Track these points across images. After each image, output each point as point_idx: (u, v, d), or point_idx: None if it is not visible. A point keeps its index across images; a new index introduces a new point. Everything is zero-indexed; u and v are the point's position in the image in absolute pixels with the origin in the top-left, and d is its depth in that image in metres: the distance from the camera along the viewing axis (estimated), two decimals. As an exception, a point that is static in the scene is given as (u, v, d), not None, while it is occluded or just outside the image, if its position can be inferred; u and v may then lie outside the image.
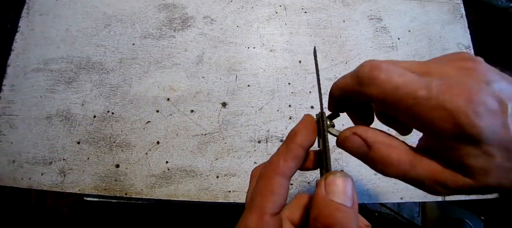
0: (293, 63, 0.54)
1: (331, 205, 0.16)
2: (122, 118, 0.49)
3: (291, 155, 0.18)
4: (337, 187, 0.16)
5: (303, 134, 0.19)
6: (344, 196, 0.16)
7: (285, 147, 0.19)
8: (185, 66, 0.53)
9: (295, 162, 0.18)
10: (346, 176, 0.17)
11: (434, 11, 0.60)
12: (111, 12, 0.54)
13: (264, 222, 0.17)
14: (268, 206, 0.17)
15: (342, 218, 0.15)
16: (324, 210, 0.16)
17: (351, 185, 0.17)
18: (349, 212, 0.16)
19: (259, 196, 0.18)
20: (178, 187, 0.47)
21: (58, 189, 0.45)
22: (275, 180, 0.18)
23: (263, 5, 0.57)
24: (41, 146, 0.47)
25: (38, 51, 0.51)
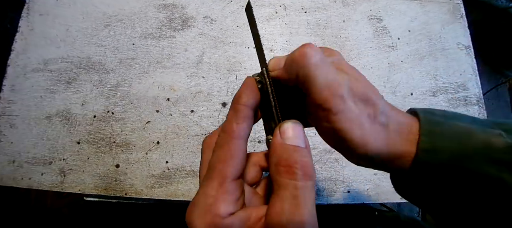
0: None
1: (289, 148, 0.17)
2: (122, 118, 0.49)
3: (241, 116, 0.19)
4: (291, 132, 0.18)
5: (247, 94, 0.19)
6: (297, 139, 0.18)
7: (233, 111, 0.19)
8: (185, 66, 0.53)
9: (247, 122, 0.19)
10: (296, 122, 0.19)
11: (434, 11, 0.60)
12: (111, 12, 0.54)
13: (225, 187, 0.17)
14: (229, 171, 0.17)
15: (300, 156, 0.17)
16: (283, 154, 0.17)
17: (301, 129, 0.18)
18: (304, 151, 0.17)
19: (218, 163, 0.18)
20: (178, 187, 0.47)
21: (58, 189, 0.45)
22: (233, 144, 0.18)
23: (263, 5, 0.57)
24: (41, 146, 0.47)
25: (38, 51, 0.51)
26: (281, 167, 0.17)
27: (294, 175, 0.16)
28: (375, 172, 0.50)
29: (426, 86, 0.55)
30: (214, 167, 0.18)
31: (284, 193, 0.16)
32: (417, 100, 0.54)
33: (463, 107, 0.55)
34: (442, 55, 0.57)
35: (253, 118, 0.20)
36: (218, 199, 0.17)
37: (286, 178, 0.16)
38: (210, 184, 0.17)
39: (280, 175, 0.17)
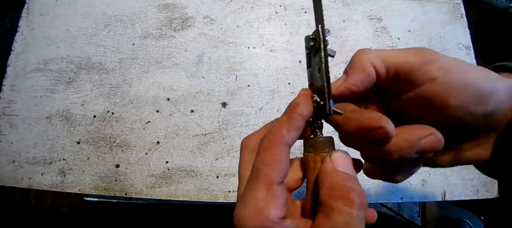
0: (293, 63, 0.54)
1: (343, 175, 0.18)
2: (122, 118, 0.49)
3: (294, 124, 0.19)
4: (342, 161, 0.18)
5: (304, 105, 0.19)
6: (348, 169, 0.18)
7: (288, 117, 0.19)
8: (185, 66, 0.53)
9: (297, 132, 0.19)
10: (346, 153, 0.19)
11: (434, 11, 0.60)
12: (111, 12, 0.54)
13: (273, 192, 0.17)
14: (276, 175, 0.17)
15: (353, 184, 0.17)
16: (338, 180, 0.17)
17: (351, 161, 0.19)
18: (357, 181, 0.18)
19: (264, 166, 0.18)
20: (178, 187, 0.47)
21: (58, 189, 0.45)
22: (280, 149, 0.18)
23: (263, 5, 0.57)
24: (41, 146, 0.47)
25: (38, 51, 0.51)
26: (337, 192, 0.17)
27: (351, 203, 0.16)
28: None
29: (426, 86, 0.55)
30: (260, 169, 0.18)
31: (337, 218, 0.16)
32: (417, 100, 0.54)
33: (463, 107, 0.55)
34: (442, 55, 0.57)
35: (303, 128, 0.20)
36: (268, 202, 0.17)
37: (341, 204, 0.16)
38: (257, 187, 0.17)
39: (335, 199, 0.17)
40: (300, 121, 0.19)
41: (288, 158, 0.18)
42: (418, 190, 0.49)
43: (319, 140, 0.20)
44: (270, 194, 0.17)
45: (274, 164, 0.18)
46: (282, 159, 0.18)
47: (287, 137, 0.18)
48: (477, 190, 0.50)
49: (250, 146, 0.20)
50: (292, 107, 0.19)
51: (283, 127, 0.18)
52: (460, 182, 0.50)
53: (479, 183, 0.50)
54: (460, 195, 0.49)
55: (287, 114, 0.19)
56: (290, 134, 0.18)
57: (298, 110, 0.19)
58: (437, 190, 0.49)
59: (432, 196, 0.49)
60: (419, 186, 0.49)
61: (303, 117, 0.19)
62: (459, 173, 0.50)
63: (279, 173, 0.18)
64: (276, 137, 0.18)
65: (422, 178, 0.50)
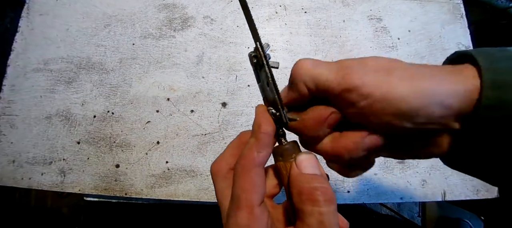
0: (293, 63, 0.54)
1: (307, 177, 0.19)
2: (122, 118, 0.49)
3: (263, 144, 0.19)
4: (306, 162, 0.19)
5: (265, 122, 0.20)
6: (314, 168, 0.19)
7: (255, 139, 0.19)
8: (185, 66, 0.52)
9: (267, 149, 0.19)
10: (310, 153, 0.20)
11: (434, 11, 0.60)
12: (111, 12, 0.54)
13: (255, 215, 0.18)
14: (255, 198, 0.18)
15: (319, 183, 0.18)
16: (304, 183, 0.18)
17: (315, 159, 0.20)
18: (322, 178, 0.19)
19: (242, 192, 0.18)
20: (178, 187, 0.47)
21: (58, 189, 0.45)
22: (254, 173, 0.19)
23: (263, 5, 0.57)
24: (41, 146, 0.47)
25: (38, 51, 0.51)
26: (304, 196, 0.18)
27: (317, 202, 0.17)
28: (375, 172, 0.50)
29: (426, 86, 0.55)
30: (240, 196, 0.18)
31: (310, 220, 0.17)
32: (417, 100, 0.54)
33: (463, 107, 0.55)
34: (442, 55, 0.57)
35: (272, 146, 0.20)
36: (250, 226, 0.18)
37: (310, 206, 0.17)
38: (239, 215, 0.18)
39: (304, 204, 0.18)
40: (267, 139, 0.19)
41: (263, 177, 0.19)
42: (418, 190, 0.49)
43: (284, 148, 0.21)
44: (252, 218, 0.18)
45: (252, 188, 0.18)
46: (258, 181, 0.19)
47: (259, 159, 0.19)
48: (477, 190, 0.50)
49: (222, 173, 0.21)
50: (256, 128, 0.20)
51: (253, 150, 0.19)
52: (460, 182, 0.50)
53: (479, 183, 0.50)
54: (460, 195, 0.49)
55: (254, 135, 0.20)
56: (261, 155, 0.19)
57: (262, 129, 0.19)
58: (437, 190, 0.49)
59: (432, 196, 0.49)
60: (419, 186, 0.49)
61: (269, 134, 0.20)
62: (459, 173, 0.50)
63: (258, 194, 0.18)
64: (248, 161, 0.19)
65: (422, 178, 0.50)
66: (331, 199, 0.18)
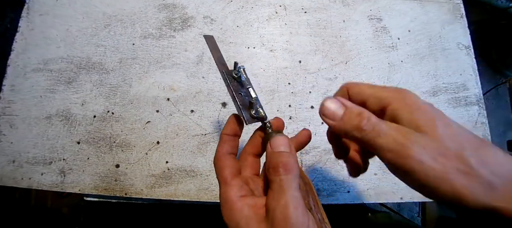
0: (293, 63, 0.54)
1: (275, 154, 0.23)
2: (122, 118, 0.49)
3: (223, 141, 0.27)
4: (277, 142, 0.24)
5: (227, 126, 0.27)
6: (282, 146, 0.24)
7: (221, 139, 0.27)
8: (185, 66, 0.53)
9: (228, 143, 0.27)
10: (282, 135, 0.25)
11: (434, 11, 0.60)
12: (111, 12, 0.54)
13: (229, 184, 0.24)
14: (226, 174, 0.25)
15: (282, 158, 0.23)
16: (272, 159, 0.23)
17: (286, 139, 0.24)
18: (287, 154, 0.23)
19: (218, 174, 0.25)
20: (178, 187, 0.47)
21: (58, 189, 0.45)
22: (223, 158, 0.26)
23: (263, 5, 0.57)
24: (41, 146, 0.47)
25: (38, 51, 0.51)
26: (271, 169, 0.23)
27: (278, 172, 0.22)
28: (375, 172, 0.50)
29: (426, 86, 0.55)
30: (218, 176, 0.26)
31: (273, 186, 0.22)
32: (417, 100, 0.54)
33: (463, 107, 0.55)
34: (442, 55, 0.57)
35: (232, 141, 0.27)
36: (227, 191, 0.24)
37: (274, 175, 0.22)
38: (220, 187, 0.25)
39: (270, 174, 0.23)
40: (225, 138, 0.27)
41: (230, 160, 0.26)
42: (418, 190, 0.49)
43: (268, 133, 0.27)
44: (228, 188, 0.24)
45: (222, 168, 0.25)
46: (225, 163, 0.25)
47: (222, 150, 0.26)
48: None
49: None
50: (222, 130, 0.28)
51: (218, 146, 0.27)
52: (460, 182, 0.50)
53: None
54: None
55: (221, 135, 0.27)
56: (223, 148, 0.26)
57: (223, 131, 0.27)
58: (437, 190, 0.49)
59: (432, 196, 0.49)
60: (419, 186, 0.49)
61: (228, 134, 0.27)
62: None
63: (226, 171, 0.25)
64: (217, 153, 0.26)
65: (422, 178, 0.50)
66: (289, 169, 0.22)
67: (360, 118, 0.21)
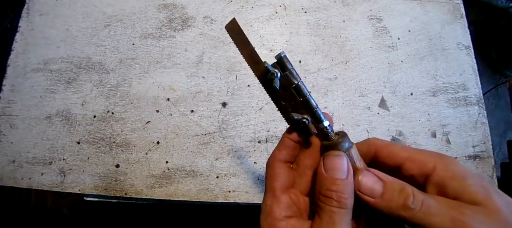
0: (293, 63, 0.54)
1: (328, 180, 0.20)
2: (122, 118, 0.49)
3: (283, 145, 0.24)
4: (333, 164, 0.21)
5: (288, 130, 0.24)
6: (338, 171, 0.20)
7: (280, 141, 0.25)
8: (185, 66, 0.53)
9: (286, 150, 0.24)
10: (340, 154, 0.21)
11: (434, 11, 0.60)
12: (111, 12, 0.54)
13: (276, 198, 0.22)
14: (276, 185, 0.23)
15: (337, 189, 0.20)
16: (324, 185, 0.20)
17: (344, 162, 0.21)
18: (343, 184, 0.20)
19: (268, 179, 0.23)
20: (178, 187, 0.47)
21: (58, 189, 0.45)
22: (276, 165, 0.24)
23: (263, 5, 0.57)
24: (41, 146, 0.47)
25: (38, 51, 0.51)
26: (321, 195, 0.20)
27: (330, 202, 0.20)
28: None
29: (426, 86, 0.55)
30: (266, 182, 0.24)
31: (322, 214, 0.20)
32: (417, 100, 0.54)
33: (463, 107, 0.55)
34: (442, 55, 0.57)
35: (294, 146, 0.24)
36: (272, 206, 0.22)
37: (324, 203, 0.20)
38: (266, 195, 0.23)
39: (320, 200, 0.20)
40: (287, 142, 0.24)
41: (285, 170, 0.24)
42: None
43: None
44: (275, 200, 0.22)
45: (273, 177, 0.23)
46: (278, 172, 0.23)
47: (279, 155, 0.24)
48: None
49: None
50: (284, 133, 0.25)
51: (276, 149, 0.24)
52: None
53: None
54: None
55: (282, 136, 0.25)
56: (281, 153, 0.24)
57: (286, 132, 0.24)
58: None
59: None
60: (419, 186, 0.49)
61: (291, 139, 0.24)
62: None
63: (278, 183, 0.23)
64: (272, 157, 0.24)
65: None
66: (344, 204, 0.20)
67: (405, 195, 0.19)
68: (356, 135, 0.52)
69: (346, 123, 0.52)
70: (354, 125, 0.52)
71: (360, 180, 0.20)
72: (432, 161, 0.20)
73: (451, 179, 0.19)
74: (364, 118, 0.52)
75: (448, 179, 0.19)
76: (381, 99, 0.54)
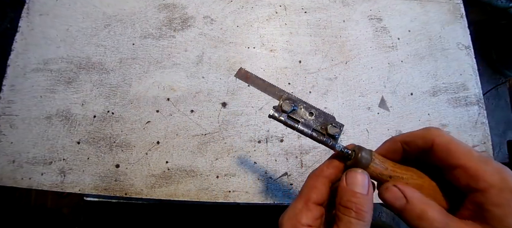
0: (293, 63, 0.54)
1: (349, 192, 0.22)
2: (122, 118, 0.49)
3: (331, 164, 0.25)
4: (355, 179, 0.22)
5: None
6: (359, 187, 0.22)
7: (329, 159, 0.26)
8: (185, 66, 0.53)
9: (335, 170, 0.25)
10: (363, 172, 0.23)
11: (434, 11, 0.60)
12: (111, 12, 0.54)
13: (308, 206, 0.23)
14: (312, 196, 0.24)
15: (357, 201, 0.21)
16: (344, 196, 0.22)
17: (366, 179, 0.22)
18: (363, 198, 0.21)
19: (306, 188, 0.24)
20: (178, 187, 0.47)
21: (58, 189, 0.45)
22: (317, 180, 0.24)
23: (263, 5, 0.57)
24: (41, 146, 0.47)
25: (38, 51, 0.51)
26: (341, 206, 0.22)
27: (349, 213, 0.21)
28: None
29: (426, 86, 0.55)
30: (303, 190, 0.25)
31: (340, 224, 0.21)
32: (417, 100, 0.54)
33: (463, 107, 0.55)
34: (442, 55, 0.57)
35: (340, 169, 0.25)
36: (302, 211, 0.23)
37: (343, 214, 0.21)
38: (298, 200, 0.24)
39: (340, 211, 0.22)
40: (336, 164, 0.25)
41: (326, 187, 0.24)
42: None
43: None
44: (305, 207, 0.23)
45: (312, 188, 0.24)
46: (318, 186, 0.24)
47: (326, 172, 0.25)
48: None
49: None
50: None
51: (324, 165, 0.25)
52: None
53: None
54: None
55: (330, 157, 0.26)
56: (329, 170, 0.25)
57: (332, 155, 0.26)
58: (437, 190, 0.49)
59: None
60: (419, 186, 0.49)
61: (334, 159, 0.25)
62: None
63: (315, 195, 0.24)
64: (318, 171, 0.25)
65: (422, 178, 0.50)
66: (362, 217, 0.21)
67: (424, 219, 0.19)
68: (356, 135, 0.52)
69: (346, 123, 0.52)
70: (354, 125, 0.52)
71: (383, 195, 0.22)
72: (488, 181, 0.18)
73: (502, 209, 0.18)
74: (364, 118, 0.52)
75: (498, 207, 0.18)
76: (381, 99, 0.54)
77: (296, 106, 0.26)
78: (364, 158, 0.23)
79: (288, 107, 0.26)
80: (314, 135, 0.25)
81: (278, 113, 0.26)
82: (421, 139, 0.22)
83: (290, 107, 0.26)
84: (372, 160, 0.23)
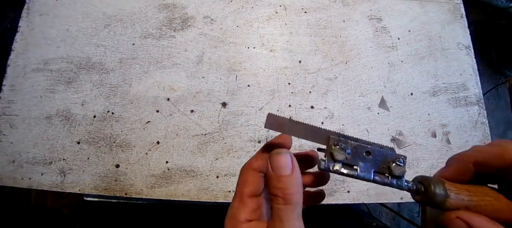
0: (293, 63, 0.54)
1: (274, 176, 0.21)
2: (122, 118, 0.49)
3: (261, 156, 0.24)
4: (278, 162, 0.22)
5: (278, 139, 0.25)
6: (283, 168, 0.21)
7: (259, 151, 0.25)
8: (185, 66, 0.53)
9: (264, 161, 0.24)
10: (283, 152, 0.22)
11: (434, 11, 0.60)
12: (111, 12, 0.54)
13: (243, 201, 0.23)
14: (245, 191, 0.23)
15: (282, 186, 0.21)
16: (271, 183, 0.22)
17: (287, 158, 0.22)
18: (287, 180, 0.21)
19: (239, 185, 0.24)
20: (178, 187, 0.47)
21: (58, 189, 0.45)
22: (249, 172, 0.24)
23: (263, 5, 0.57)
24: (41, 146, 0.47)
25: (38, 51, 0.51)
26: (272, 195, 0.21)
27: (277, 200, 0.21)
28: (375, 172, 0.50)
29: (426, 86, 0.55)
30: (237, 186, 0.25)
31: (273, 214, 0.21)
32: (417, 100, 0.54)
33: (463, 107, 0.55)
34: (442, 55, 0.57)
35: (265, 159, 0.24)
36: (239, 208, 0.23)
37: (272, 202, 0.21)
38: (234, 198, 0.24)
39: (271, 200, 0.22)
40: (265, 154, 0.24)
41: (257, 179, 0.24)
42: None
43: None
44: (241, 203, 0.23)
45: (244, 182, 0.24)
46: (249, 179, 0.24)
47: (255, 164, 0.24)
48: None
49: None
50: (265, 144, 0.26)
51: (253, 157, 0.25)
52: (460, 182, 0.50)
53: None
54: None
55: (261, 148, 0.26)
56: (257, 162, 0.24)
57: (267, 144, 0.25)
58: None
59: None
60: (419, 186, 0.49)
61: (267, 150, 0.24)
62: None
63: (247, 188, 0.24)
64: (247, 164, 0.25)
65: (422, 178, 0.50)
66: (289, 199, 0.20)
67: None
68: (356, 135, 0.51)
69: (346, 123, 0.52)
70: (354, 125, 0.52)
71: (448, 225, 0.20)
72: None
73: None
74: (364, 118, 0.52)
75: None
76: (381, 99, 0.54)
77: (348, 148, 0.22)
78: (439, 196, 0.20)
79: (341, 157, 0.22)
80: (377, 180, 0.22)
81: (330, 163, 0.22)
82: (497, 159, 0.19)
83: (344, 156, 0.22)
84: (448, 196, 0.20)
